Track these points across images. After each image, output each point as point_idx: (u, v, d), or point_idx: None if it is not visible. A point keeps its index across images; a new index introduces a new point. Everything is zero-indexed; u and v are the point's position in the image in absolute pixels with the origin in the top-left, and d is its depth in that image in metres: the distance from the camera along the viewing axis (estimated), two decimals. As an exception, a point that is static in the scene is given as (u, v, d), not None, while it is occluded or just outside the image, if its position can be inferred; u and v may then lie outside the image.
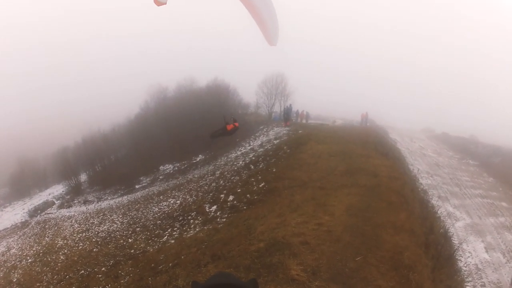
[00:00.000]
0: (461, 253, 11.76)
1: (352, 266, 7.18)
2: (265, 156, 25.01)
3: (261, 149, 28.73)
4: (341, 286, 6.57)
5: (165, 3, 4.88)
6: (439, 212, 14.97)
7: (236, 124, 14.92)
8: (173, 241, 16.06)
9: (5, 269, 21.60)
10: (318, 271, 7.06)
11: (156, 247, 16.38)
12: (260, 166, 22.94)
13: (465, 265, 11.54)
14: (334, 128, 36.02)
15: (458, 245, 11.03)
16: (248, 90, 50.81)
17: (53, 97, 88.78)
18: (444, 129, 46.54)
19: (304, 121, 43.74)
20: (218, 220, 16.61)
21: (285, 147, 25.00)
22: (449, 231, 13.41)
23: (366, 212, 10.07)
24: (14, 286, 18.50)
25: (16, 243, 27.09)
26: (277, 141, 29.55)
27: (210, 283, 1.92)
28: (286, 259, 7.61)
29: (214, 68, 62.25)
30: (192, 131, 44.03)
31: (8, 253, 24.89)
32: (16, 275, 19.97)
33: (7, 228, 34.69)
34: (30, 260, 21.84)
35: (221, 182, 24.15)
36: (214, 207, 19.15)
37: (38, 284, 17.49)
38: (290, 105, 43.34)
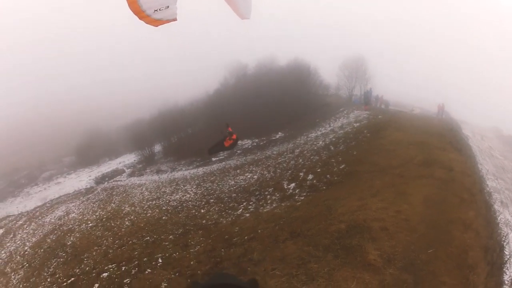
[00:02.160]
0: (508, 265, 11.58)
1: (424, 258, 7.11)
2: (346, 139, 24.61)
3: (341, 131, 28.33)
4: (412, 277, 6.52)
5: (176, 19, 5.07)
6: (499, 218, 14.80)
7: (234, 136, 14.09)
8: (248, 215, 15.59)
9: (59, 233, 21.05)
10: (393, 258, 7.01)
11: (230, 219, 15.85)
12: (340, 148, 22.48)
13: (509, 278, 11.40)
14: (412, 117, 34.98)
15: (509, 256, 10.89)
16: (327, 73, 50.19)
17: (134, 73, 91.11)
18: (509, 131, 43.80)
19: (383, 106, 43.02)
20: (297, 198, 16.08)
21: (365, 131, 24.55)
22: (505, 240, 13.43)
23: (441, 206, 9.92)
24: (67, 248, 17.75)
25: (77, 208, 26.55)
26: (357, 124, 29.09)
27: (210, 284, 2.00)
28: (366, 242, 7.62)
29: (292, 51, 61.24)
30: (272, 108, 43.18)
31: (66, 217, 24.53)
32: (71, 239, 19.23)
33: (69, 193, 34.71)
34: (90, 225, 21.19)
35: (300, 160, 23.68)
36: (293, 184, 18.60)
37: (96, 247, 16.67)
38: (370, 89, 42.75)
